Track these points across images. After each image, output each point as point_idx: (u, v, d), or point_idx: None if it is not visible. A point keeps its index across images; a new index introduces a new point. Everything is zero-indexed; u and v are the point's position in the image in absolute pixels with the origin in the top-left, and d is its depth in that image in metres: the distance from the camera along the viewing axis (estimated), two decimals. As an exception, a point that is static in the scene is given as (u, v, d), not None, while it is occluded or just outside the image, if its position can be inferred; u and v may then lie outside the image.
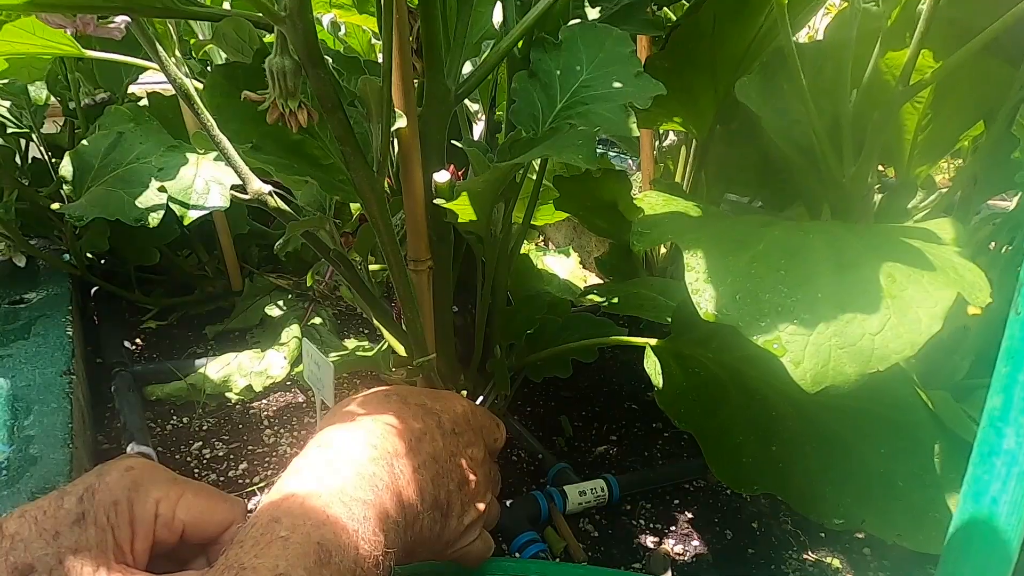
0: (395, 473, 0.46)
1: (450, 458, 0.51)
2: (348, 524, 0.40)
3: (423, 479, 0.48)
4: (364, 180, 0.54)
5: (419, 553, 0.50)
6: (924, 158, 0.65)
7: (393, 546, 0.43)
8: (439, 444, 0.51)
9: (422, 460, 0.49)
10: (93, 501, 0.44)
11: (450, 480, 0.51)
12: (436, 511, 0.49)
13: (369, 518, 0.42)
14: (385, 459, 0.46)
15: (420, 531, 0.48)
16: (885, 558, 0.73)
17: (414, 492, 0.47)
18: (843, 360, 0.36)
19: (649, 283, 0.84)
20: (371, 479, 0.44)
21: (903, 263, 0.40)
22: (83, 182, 0.97)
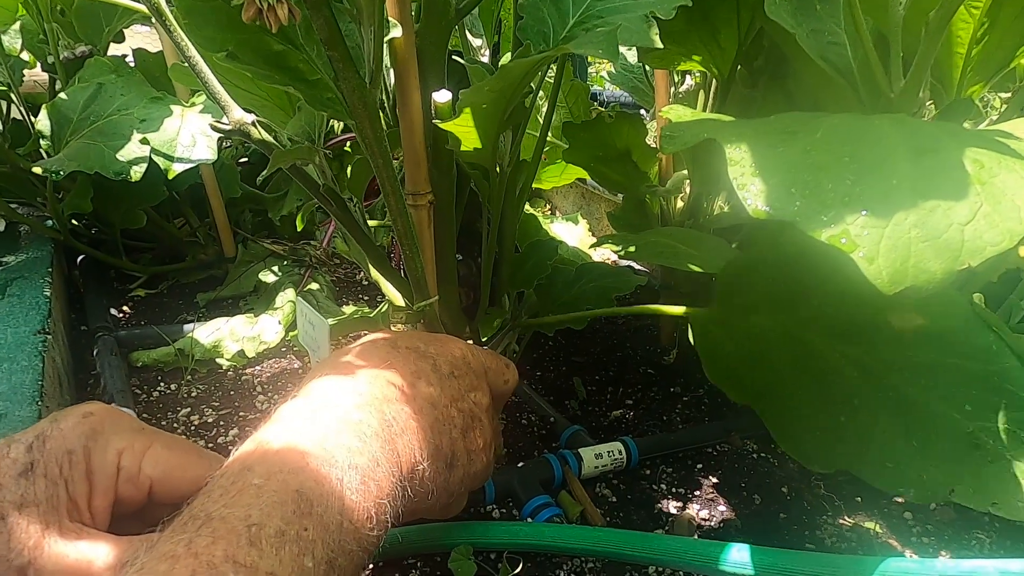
0: (386, 420, 0.40)
1: (451, 403, 0.46)
2: (331, 472, 0.35)
3: (419, 426, 0.42)
4: (355, 92, 0.48)
5: (425, 508, 0.45)
6: (978, 75, 0.59)
7: (388, 497, 0.37)
8: (435, 389, 0.45)
9: (418, 406, 0.43)
10: (44, 450, 0.38)
11: (452, 427, 0.45)
12: (439, 461, 0.44)
13: (357, 467, 0.36)
14: (373, 405, 0.41)
15: (422, 483, 0.42)
16: (928, 523, 0.68)
17: (410, 441, 0.41)
18: (926, 254, 0.30)
19: (668, 232, 0.78)
20: (357, 426, 0.38)
21: (988, 149, 0.33)
22: (61, 136, 0.92)
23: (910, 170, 0.32)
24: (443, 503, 0.46)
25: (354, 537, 0.34)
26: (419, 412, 0.43)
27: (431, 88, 0.55)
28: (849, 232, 0.31)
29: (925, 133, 0.34)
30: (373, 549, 0.36)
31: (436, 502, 0.44)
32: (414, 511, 0.44)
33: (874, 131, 0.35)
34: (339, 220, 0.61)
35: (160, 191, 1.03)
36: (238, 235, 1.19)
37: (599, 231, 1.46)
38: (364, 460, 0.37)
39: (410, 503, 0.41)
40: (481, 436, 0.47)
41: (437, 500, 0.44)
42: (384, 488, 0.37)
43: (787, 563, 0.42)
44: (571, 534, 0.54)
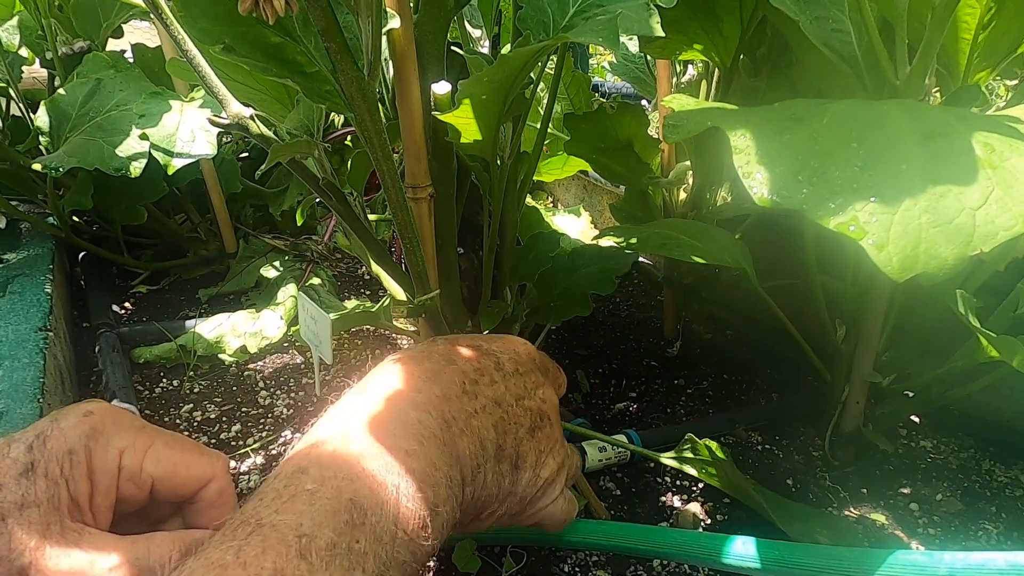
0: (445, 420, 0.38)
1: (516, 401, 0.43)
2: (386, 479, 0.33)
3: (482, 425, 0.40)
4: (353, 84, 0.47)
5: (490, 516, 0.42)
6: (985, 61, 0.58)
7: (445, 504, 0.35)
8: (499, 386, 0.43)
9: (480, 404, 0.41)
10: (44, 450, 0.37)
11: (518, 426, 0.42)
12: (503, 463, 0.41)
13: (413, 471, 0.34)
14: (432, 404, 0.38)
15: (485, 487, 0.40)
16: (934, 514, 0.67)
17: (471, 442, 0.39)
18: (937, 240, 0.29)
19: (671, 224, 0.77)
20: (416, 427, 0.37)
21: (998, 133, 0.33)
22: (60, 132, 0.91)
23: (919, 155, 0.31)
24: (514, 510, 0.42)
25: (408, 548, 0.32)
26: (481, 411, 0.40)
27: (430, 80, 0.54)
28: (858, 219, 0.30)
29: (934, 117, 0.34)
30: (427, 559, 0.34)
31: (505, 509, 0.42)
32: (478, 516, 0.41)
33: (882, 116, 0.34)
34: (339, 214, 0.60)
35: (160, 187, 1.03)
36: (239, 230, 1.19)
37: (601, 223, 1.45)
38: (421, 465, 0.35)
39: (472, 507, 0.39)
40: (550, 436, 0.44)
41: (506, 507, 0.42)
42: (441, 494, 0.35)
43: (793, 556, 0.41)
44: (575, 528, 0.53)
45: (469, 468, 0.38)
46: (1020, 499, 0.69)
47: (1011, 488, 0.71)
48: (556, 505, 0.44)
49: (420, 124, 0.54)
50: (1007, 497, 0.70)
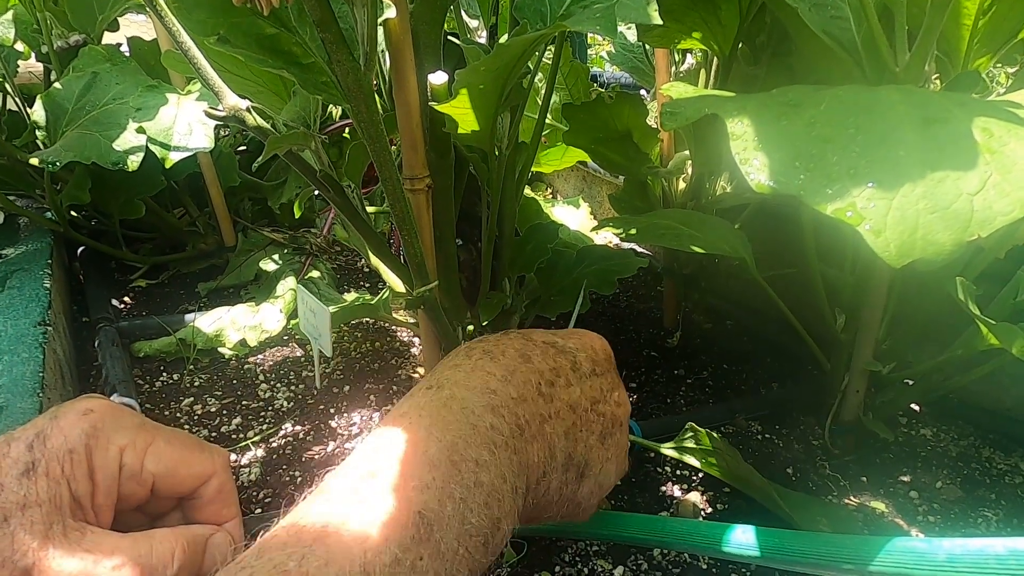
0: (519, 425, 0.37)
1: (592, 406, 0.41)
2: (455, 492, 0.32)
3: (554, 432, 0.38)
4: (349, 75, 0.47)
5: (540, 519, 0.41)
6: (985, 47, 0.57)
7: (507, 517, 0.34)
8: (576, 389, 0.41)
9: (555, 409, 0.39)
10: (45, 449, 0.37)
11: (590, 433, 0.41)
12: (570, 471, 0.40)
13: (482, 484, 0.33)
14: (507, 407, 0.37)
15: (547, 494, 0.39)
16: (934, 501, 0.67)
17: (541, 448, 0.37)
18: (935, 226, 0.29)
19: (670, 214, 0.77)
20: (488, 433, 0.35)
21: (997, 118, 0.33)
22: (57, 127, 0.91)
23: (918, 140, 0.31)
24: (566, 512, 0.42)
25: (467, 565, 0.31)
26: (555, 416, 0.39)
27: (427, 70, 0.54)
28: (855, 205, 0.30)
29: (933, 103, 0.33)
30: (480, 570, 0.33)
31: (557, 511, 0.41)
32: (530, 519, 0.40)
33: (880, 102, 0.34)
34: (337, 206, 0.60)
35: (158, 180, 1.03)
36: (238, 224, 1.19)
37: (601, 214, 1.45)
38: (491, 477, 0.33)
39: (529, 513, 0.38)
40: (619, 444, 0.43)
41: (559, 510, 0.41)
42: (505, 506, 0.34)
43: (792, 544, 0.41)
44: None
45: (535, 476, 0.37)
46: (1019, 486, 0.70)
47: (1011, 475, 0.71)
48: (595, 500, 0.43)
49: (417, 115, 0.54)
50: (1006, 484, 0.70)
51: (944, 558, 0.32)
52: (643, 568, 0.58)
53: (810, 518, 0.61)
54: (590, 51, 2.03)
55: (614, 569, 0.57)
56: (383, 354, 0.95)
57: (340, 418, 0.80)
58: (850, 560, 0.37)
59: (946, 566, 0.32)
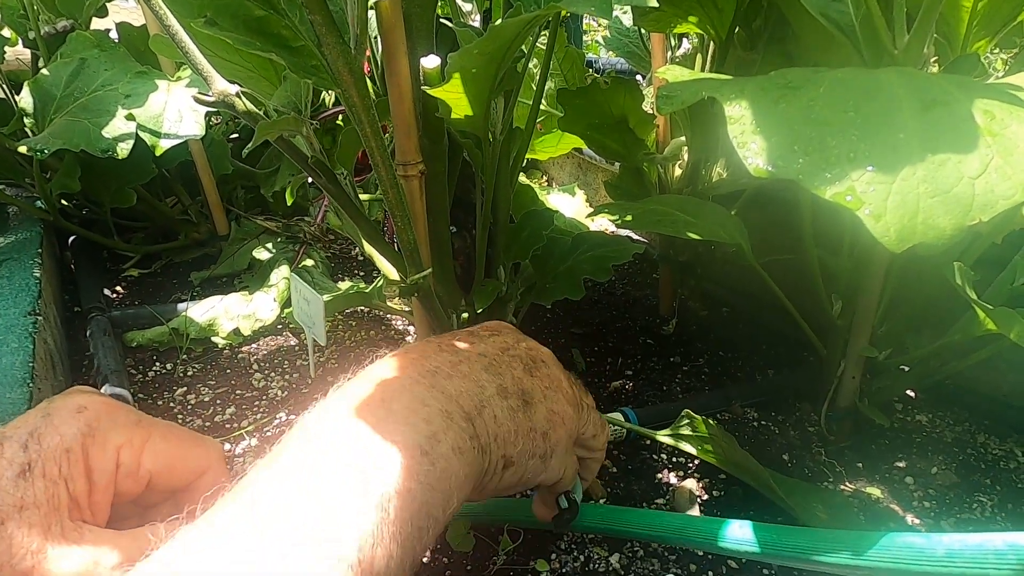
0: (428, 370, 0.39)
1: (501, 352, 0.44)
2: (367, 418, 0.34)
3: (471, 370, 0.41)
4: (339, 58, 0.46)
5: (522, 457, 0.41)
6: (984, 30, 0.57)
7: (445, 433, 0.36)
8: (480, 344, 0.44)
9: (463, 356, 0.41)
10: (40, 449, 0.37)
11: (512, 368, 0.43)
12: (510, 398, 0.41)
13: (393, 411, 0.35)
14: (410, 364, 0.39)
15: (498, 421, 0.40)
16: (929, 487, 0.67)
17: (463, 381, 0.39)
18: (935, 210, 0.29)
19: (666, 200, 0.76)
20: (395, 382, 0.37)
21: (998, 100, 0.32)
22: (45, 114, 0.89)
23: (918, 123, 0.31)
24: (540, 448, 0.42)
25: (407, 474, 0.33)
26: (466, 360, 0.41)
27: (419, 54, 0.53)
28: (855, 189, 0.30)
29: (933, 85, 0.33)
30: (444, 485, 0.34)
31: (531, 446, 0.41)
32: (508, 458, 0.40)
33: (880, 84, 0.33)
34: (329, 193, 0.59)
35: (149, 169, 1.02)
36: (231, 212, 1.18)
37: (596, 202, 1.44)
38: (402, 405, 0.36)
39: (497, 444, 0.39)
40: (551, 376, 0.44)
41: (532, 443, 0.41)
42: (437, 424, 0.35)
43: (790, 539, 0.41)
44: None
45: (471, 403, 0.38)
46: (1014, 471, 0.70)
47: (1005, 461, 0.71)
48: (567, 459, 0.44)
49: (409, 99, 0.53)
50: (1001, 470, 0.70)
51: (943, 553, 0.31)
52: (639, 555, 0.58)
53: (806, 505, 0.61)
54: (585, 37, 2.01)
55: (610, 556, 0.57)
56: (378, 343, 0.94)
57: (335, 407, 0.80)
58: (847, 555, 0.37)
59: (945, 561, 0.31)
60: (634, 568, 0.56)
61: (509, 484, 0.41)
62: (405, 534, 0.31)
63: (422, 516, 0.32)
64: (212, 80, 0.52)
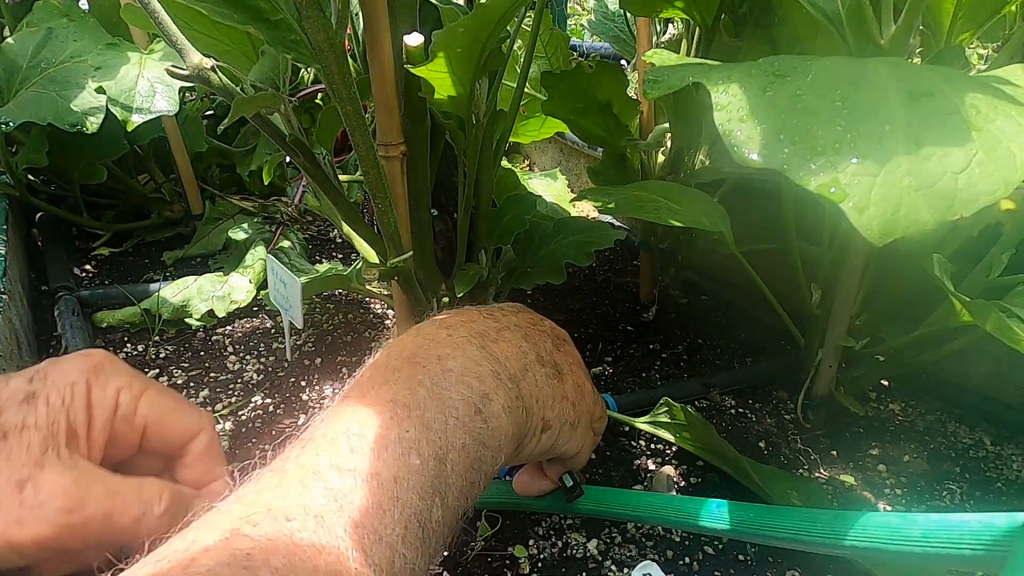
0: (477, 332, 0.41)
1: (531, 326, 0.46)
2: (423, 379, 0.36)
3: (513, 336, 0.43)
4: (320, 33, 0.45)
5: (558, 422, 0.43)
6: (969, 22, 0.57)
7: (496, 392, 0.37)
8: (512, 317, 0.46)
9: (504, 324, 0.44)
10: (45, 382, 0.38)
11: (543, 341, 0.45)
12: (545, 366, 0.43)
13: (450, 370, 0.37)
14: (459, 324, 0.42)
15: (538, 385, 0.42)
16: (901, 475, 0.69)
17: (507, 346, 0.42)
18: (918, 204, 0.29)
19: (648, 186, 0.76)
20: (446, 339, 0.39)
21: (985, 94, 0.32)
22: (11, 85, 0.86)
23: (904, 115, 0.31)
24: (570, 416, 0.44)
25: (464, 431, 0.34)
26: (505, 328, 0.43)
27: (402, 31, 0.52)
28: (839, 181, 0.29)
29: (921, 77, 0.33)
30: (494, 443, 0.36)
31: (564, 413, 0.43)
32: (546, 422, 0.42)
33: (868, 74, 0.33)
34: (308, 173, 0.58)
35: (121, 144, 0.99)
36: (205, 191, 1.15)
37: (578, 187, 1.43)
38: (458, 363, 0.37)
39: (536, 407, 0.41)
40: (571, 353, 0.47)
41: (563, 410, 0.43)
42: (488, 384, 0.37)
43: (767, 519, 0.41)
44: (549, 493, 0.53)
45: (516, 367, 0.41)
46: (983, 460, 0.71)
47: (975, 449, 0.73)
48: (587, 435, 0.47)
49: (392, 78, 0.52)
50: (970, 458, 0.71)
51: (919, 533, 0.32)
52: (616, 541, 0.58)
53: (781, 491, 0.61)
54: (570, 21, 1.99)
55: (588, 543, 0.57)
56: (356, 326, 0.93)
57: (311, 391, 0.79)
58: (825, 535, 0.37)
59: (920, 541, 0.32)
60: (612, 554, 0.57)
61: (543, 448, 0.43)
62: (459, 487, 0.33)
63: (474, 471, 0.34)
64: (187, 53, 0.50)
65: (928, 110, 0.31)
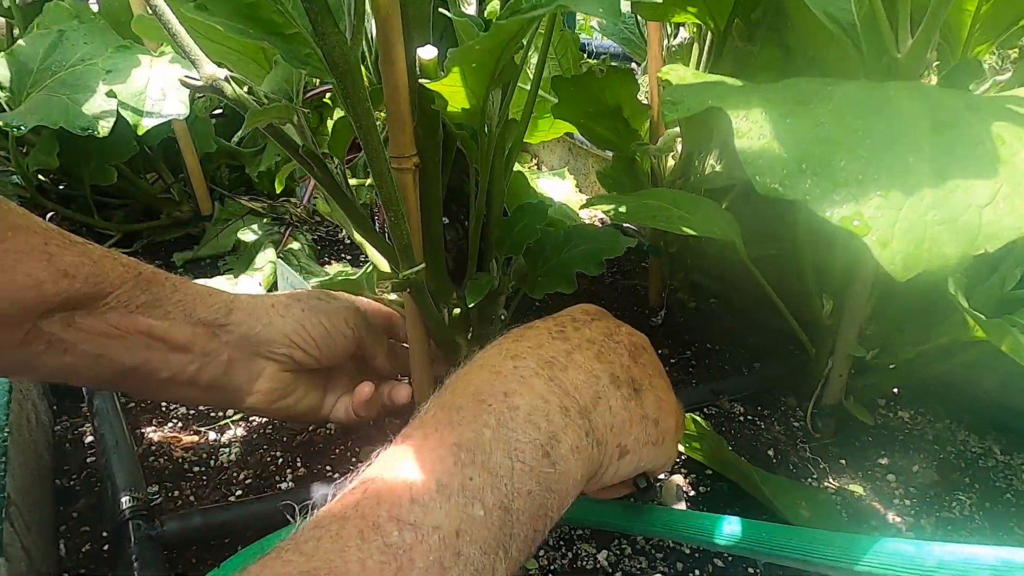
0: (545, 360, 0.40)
1: (606, 337, 0.45)
2: (489, 420, 0.35)
3: (584, 359, 0.41)
4: (336, 48, 0.45)
5: (636, 446, 0.42)
6: (986, 34, 0.56)
7: (564, 431, 0.36)
8: (585, 330, 0.45)
9: (575, 344, 0.42)
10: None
11: (619, 355, 0.44)
12: (622, 387, 0.41)
13: (517, 408, 0.36)
14: (526, 352, 0.40)
15: (612, 412, 0.40)
16: (911, 485, 0.69)
17: (577, 373, 0.40)
18: (942, 238, 0.28)
19: (660, 194, 0.76)
20: (512, 372, 0.38)
21: (1010, 123, 0.32)
22: (22, 88, 0.86)
23: (928, 146, 0.30)
24: (652, 435, 0.42)
25: (530, 477, 0.33)
26: (577, 348, 0.41)
27: (416, 43, 0.51)
28: (863, 214, 0.29)
29: (944, 106, 0.32)
30: (562, 487, 0.35)
31: (645, 434, 0.41)
32: (623, 448, 0.40)
33: (890, 102, 0.33)
34: (320, 183, 0.58)
35: (130, 146, 0.99)
36: (214, 191, 1.15)
37: (586, 187, 1.43)
38: (526, 400, 0.36)
39: (612, 434, 0.39)
40: (653, 363, 0.46)
41: (644, 431, 0.41)
42: (556, 422, 0.36)
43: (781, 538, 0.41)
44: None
45: (587, 397, 0.39)
46: (992, 469, 0.71)
47: (984, 459, 0.73)
48: (671, 448, 0.45)
49: (405, 92, 0.52)
50: (980, 468, 0.71)
51: (934, 564, 0.32)
52: (627, 553, 0.58)
53: (790, 502, 0.61)
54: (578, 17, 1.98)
55: (598, 554, 0.58)
56: (365, 329, 0.93)
57: (322, 395, 0.79)
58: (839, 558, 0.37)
59: (935, 571, 0.32)
60: (622, 565, 0.57)
61: (625, 473, 0.42)
62: (523, 537, 0.32)
63: (539, 519, 0.33)
64: (200, 64, 0.50)
65: (953, 141, 0.31)
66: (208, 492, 0.63)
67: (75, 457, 0.68)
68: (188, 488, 0.63)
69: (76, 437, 0.70)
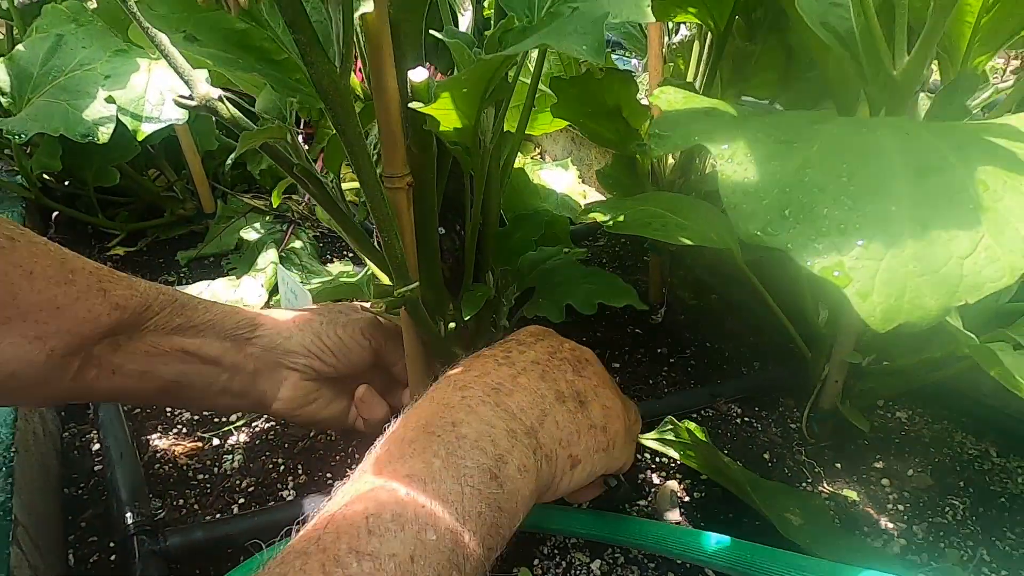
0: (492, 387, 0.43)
1: (550, 356, 0.48)
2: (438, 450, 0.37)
3: (529, 381, 0.44)
4: (325, 76, 0.45)
5: (587, 455, 0.45)
6: (986, 45, 0.55)
7: (511, 453, 0.39)
8: (530, 352, 0.48)
9: (520, 368, 0.45)
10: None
11: (563, 372, 0.47)
12: (567, 402, 0.45)
13: (465, 436, 0.38)
14: (472, 381, 0.44)
15: (559, 426, 0.43)
16: (904, 489, 0.69)
17: (524, 395, 0.43)
18: (923, 290, 0.29)
19: (657, 199, 0.75)
20: (460, 403, 0.41)
21: (995, 166, 0.32)
22: (23, 93, 0.87)
23: (910, 194, 0.30)
24: (602, 442, 0.45)
25: (479, 499, 0.35)
26: (522, 372, 0.44)
27: (408, 63, 0.51)
28: (843, 264, 0.29)
29: (930, 149, 0.32)
30: (511, 505, 0.37)
31: (594, 443, 0.44)
32: (574, 458, 0.43)
33: (875, 146, 0.32)
34: (316, 199, 0.58)
35: (132, 146, 0.99)
36: (217, 189, 1.16)
37: (589, 177, 1.42)
38: (473, 428, 0.38)
39: (561, 448, 0.42)
40: (598, 373, 0.48)
41: (594, 440, 0.44)
42: (502, 444, 0.38)
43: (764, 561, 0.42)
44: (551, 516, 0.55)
45: (533, 416, 0.42)
46: (987, 473, 0.72)
47: (980, 462, 0.73)
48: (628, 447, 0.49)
49: (397, 113, 0.52)
50: (975, 471, 0.72)
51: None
52: (619, 562, 0.59)
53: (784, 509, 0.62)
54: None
55: (591, 563, 0.59)
56: (367, 330, 0.94)
57: (324, 399, 0.80)
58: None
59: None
60: (615, 575, 0.58)
61: (580, 480, 0.45)
62: (476, 557, 0.34)
63: (491, 538, 0.36)
64: (194, 84, 0.51)
65: (935, 188, 0.31)
66: (212, 500, 0.64)
67: (83, 464, 0.69)
68: (192, 496, 0.65)
69: (84, 444, 0.72)
